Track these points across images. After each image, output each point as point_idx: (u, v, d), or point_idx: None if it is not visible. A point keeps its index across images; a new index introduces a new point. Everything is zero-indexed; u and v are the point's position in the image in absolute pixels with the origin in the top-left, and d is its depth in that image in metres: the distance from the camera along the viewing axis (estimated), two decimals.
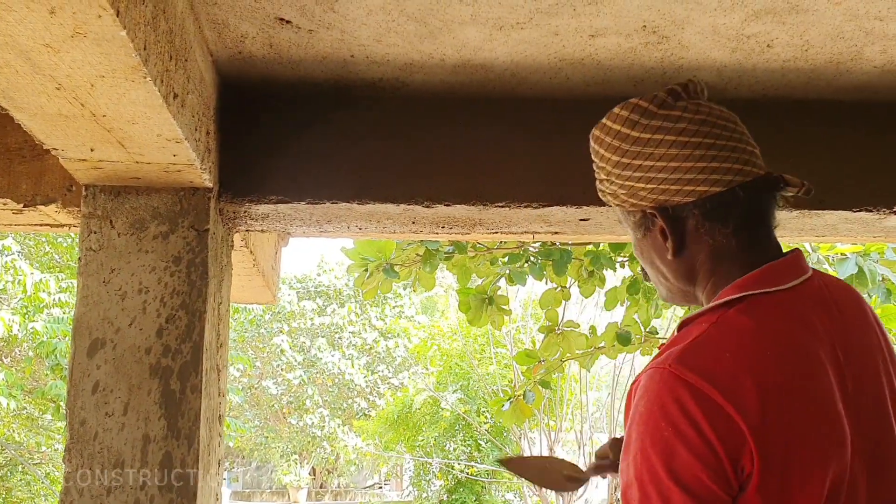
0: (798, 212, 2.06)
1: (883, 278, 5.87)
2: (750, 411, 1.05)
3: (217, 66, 1.91)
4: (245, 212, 2.06)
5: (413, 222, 2.18)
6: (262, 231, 2.24)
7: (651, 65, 1.90)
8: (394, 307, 19.87)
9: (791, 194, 1.26)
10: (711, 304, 1.21)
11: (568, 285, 5.19)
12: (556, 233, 2.32)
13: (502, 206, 2.04)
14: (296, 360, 19.28)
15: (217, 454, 2.01)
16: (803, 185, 1.24)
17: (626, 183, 1.26)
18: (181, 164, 1.75)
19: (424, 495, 15.94)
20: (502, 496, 15.61)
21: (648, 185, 1.23)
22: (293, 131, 2.04)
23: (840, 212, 2.07)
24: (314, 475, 21.22)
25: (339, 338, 19.58)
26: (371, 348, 19.63)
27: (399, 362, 19.45)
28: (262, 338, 19.66)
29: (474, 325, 6.74)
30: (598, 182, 1.34)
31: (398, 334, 19.26)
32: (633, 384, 1.18)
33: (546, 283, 5.98)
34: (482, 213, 2.08)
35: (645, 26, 1.72)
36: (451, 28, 1.73)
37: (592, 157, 1.33)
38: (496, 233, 2.27)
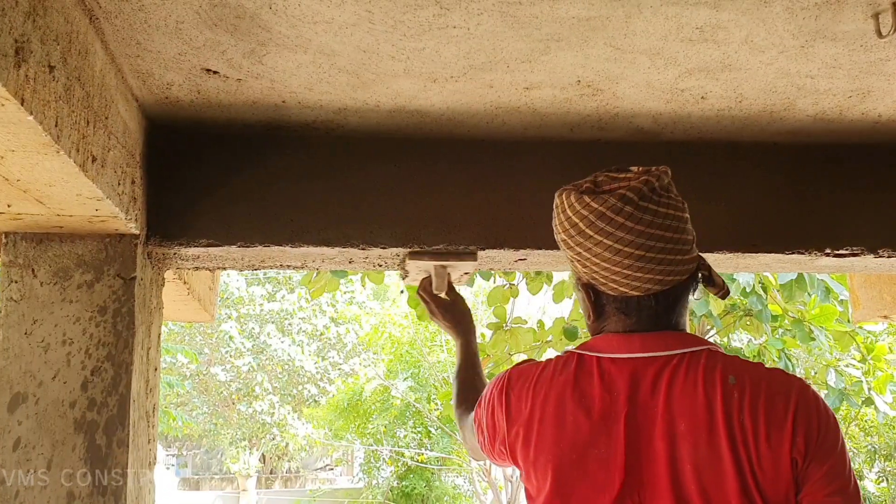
0: (732, 254, 2.08)
1: (823, 282, 6.00)
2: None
3: (143, 110, 1.85)
4: (175, 254, 2.01)
5: (350, 262, 2.15)
6: (195, 269, 2.20)
7: (587, 112, 1.89)
8: (344, 293, 19.72)
9: (712, 293, 1.41)
10: (570, 350, 1.44)
11: (516, 282, 5.21)
12: (493, 267, 2.32)
13: (440, 249, 2.02)
14: (245, 347, 19.03)
15: (147, 502, 1.97)
16: (723, 287, 1.40)
17: (568, 255, 1.43)
18: (105, 216, 1.69)
19: (375, 482, 15.96)
20: (452, 482, 15.71)
21: (583, 269, 1.40)
22: (224, 173, 1.99)
23: (773, 254, 2.09)
24: (264, 462, 21.08)
25: (289, 324, 19.38)
26: (322, 334, 19.48)
27: (350, 348, 19.35)
28: (209, 324, 19.38)
29: (423, 319, 6.74)
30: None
31: (349, 320, 19.15)
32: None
33: (494, 280, 5.98)
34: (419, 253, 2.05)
35: (579, 81, 1.71)
36: (383, 80, 1.70)
37: (553, 215, 1.45)
38: None
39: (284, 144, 2.01)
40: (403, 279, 2.21)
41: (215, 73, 1.65)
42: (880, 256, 2.12)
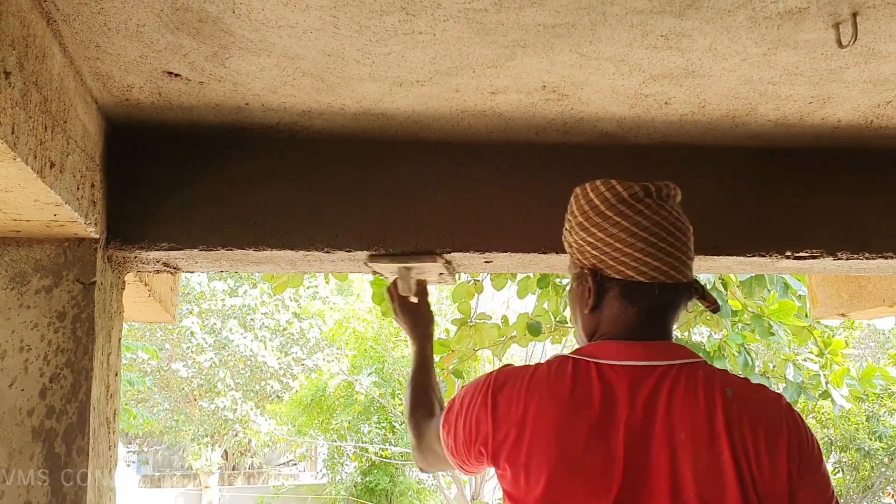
0: (694, 257, 2.10)
1: (782, 278, 6.10)
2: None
3: (103, 112, 1.81)
4: (135, 257, 1.97)
5: (319, 261, 2.13)
6: (156, 272, 2.16)
7: (552, 116, 1.89)
8: (308, 288, 19.59)
9: (703, 306, 1.49)
10: (562, 354, 1.46)
11: (480, 278, 5.21)
12: (460, 270, 2.31)
13: (404, 250, 2.01)
14: (206, 343, 18.83)
15: None
16: (714, 303, 1.47)
17: (576, 241, 1.52)
18: (63, 221, 1.66)
19: (338, 478, 15.92)
20: (416, 477, 15.72)
21: (593, 252, 1.48)
22: (186, 175, 1.96)
23: (735, 257, 2.12)
24: (226, 458, 20.89)
25: (251, 319, 19.19)
26: (284, 329, 19.34)
27: (313, 344, 19.24)
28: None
29: (388, 316, 6.71)
30: (564, 228, 1.59)
31: (312, 316, 19.04)
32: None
33: (458, 276, 5.95)
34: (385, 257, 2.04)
35: (545, 86, 1.71)
36: (349, 83, 1.69)
37: (568, 207, 1.57)
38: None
39: (248, 146, 1.98)
40: (383, 278, 2.19)
41: (177, 75, 1.63)
42: (839, 259, 2.15)
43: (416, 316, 2.12)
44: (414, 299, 2.13)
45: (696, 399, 1.33)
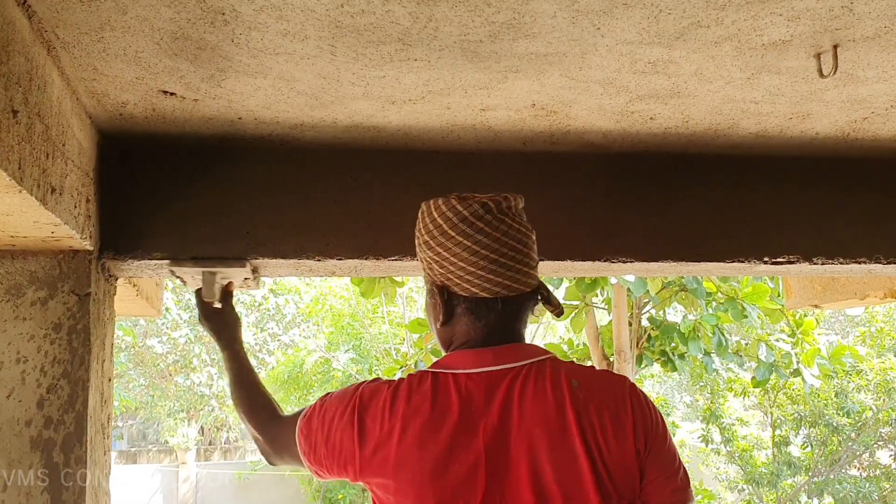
0: (675, 263, 2.16)
1: None
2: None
3: (96, 125, 1.82)
4: (128, 266, 1.99)
5: (309, 269, 2.17)
6: (148, 277, 2.18)
7: (540, 129, 1.93)
8: None
9: (550, 309, 1.54)
10: (422, 369, 1.50)
11: None
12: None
13: (395, 260, 2.05)
14: (181, 319, 18.77)
15: None
16: (558, 307, 1.54)
17: (425, 258, 1.55)
18: (60, 236, 1.68)
19: None
20: None
21: (439, 269, 1.51)
22: (178, 185, 1.98)
23: (715, 262, 2.18)
24: (203, 434, 20.91)
25: None
26: (260, 305, 19.30)
27: (289, 319, 19.23)
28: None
29: (367, 297, 6.74)
30: (415, 242, 1.60)
31: (288, 291, 19.01)
32: None
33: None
34: (375, 264, 2.08)
35: (534, 104, 1.75)
36: (342, 101, 1.71)
37: (416, 223, 1.58)
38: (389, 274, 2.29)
39: (239, 157, 2.00)
40: (184, 284, 2.13)
41: (172, 94, 1.64)
42: (815, 263, 2.22)
43: (220, 322, 2.05)
44: (218, 305, 2.07)
45: (545, 394, 1.40)
